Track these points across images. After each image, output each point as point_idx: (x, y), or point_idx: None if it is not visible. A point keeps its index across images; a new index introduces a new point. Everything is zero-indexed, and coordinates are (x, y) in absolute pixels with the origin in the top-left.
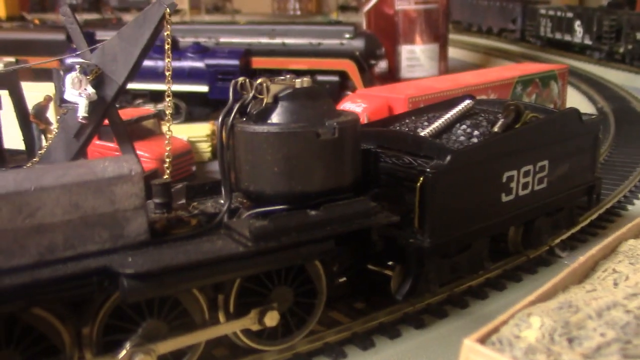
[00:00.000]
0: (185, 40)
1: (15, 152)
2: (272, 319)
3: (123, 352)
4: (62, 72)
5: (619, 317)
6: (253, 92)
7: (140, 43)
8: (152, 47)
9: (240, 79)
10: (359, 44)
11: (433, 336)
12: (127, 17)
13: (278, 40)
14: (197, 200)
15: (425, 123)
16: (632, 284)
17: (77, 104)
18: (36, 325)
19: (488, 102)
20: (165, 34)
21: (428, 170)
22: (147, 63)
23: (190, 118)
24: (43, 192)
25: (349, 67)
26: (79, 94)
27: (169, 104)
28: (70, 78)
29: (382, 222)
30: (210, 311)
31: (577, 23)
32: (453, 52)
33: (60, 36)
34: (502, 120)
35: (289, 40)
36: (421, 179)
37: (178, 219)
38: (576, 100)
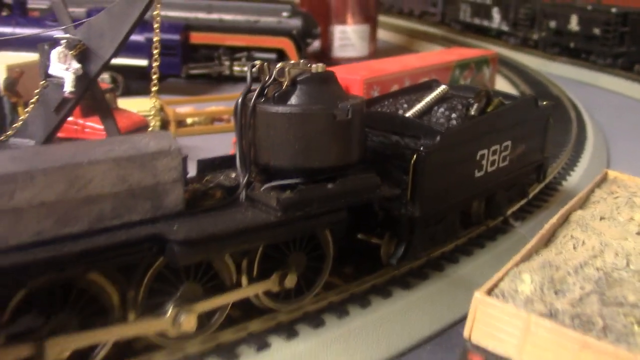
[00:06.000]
0: None
1: None
2: (291, 281)
3: (169, 312)
4: (46, 47)
5: (591, 273)
6: (274, 75)
7: (130, 20)
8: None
9: (258, 62)
10: (296, 22)
11: (419, 295)
12: None
13: (215, 16)
14: (208, 174)
15: (405, 105)
16: (590, 248)
17: (62, 78)
18: (89, 288)
19: (459, 88)
20: (155, 12)
21: (422, 149)
22: None
23: (127, 92)
24: (94, 166)
25: (287, 45)
26: (65, 68)
27: (155, 83)
28: (56, 53)
29: (387, 195)
30: (236, 274)
31: (495, 10)
32: (378, 33)
33: None
34: (477, 104)
35: (226, 17)
36: (415, 156)
37: (203, 191)
38: (501, 84)
